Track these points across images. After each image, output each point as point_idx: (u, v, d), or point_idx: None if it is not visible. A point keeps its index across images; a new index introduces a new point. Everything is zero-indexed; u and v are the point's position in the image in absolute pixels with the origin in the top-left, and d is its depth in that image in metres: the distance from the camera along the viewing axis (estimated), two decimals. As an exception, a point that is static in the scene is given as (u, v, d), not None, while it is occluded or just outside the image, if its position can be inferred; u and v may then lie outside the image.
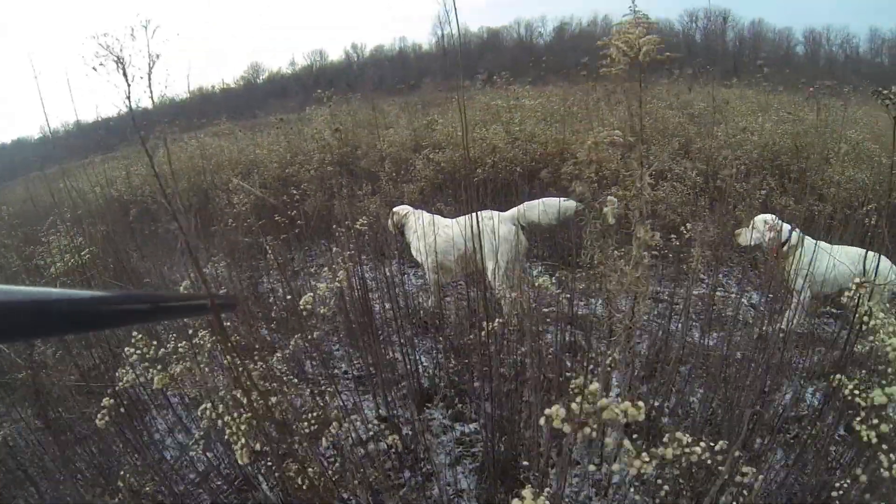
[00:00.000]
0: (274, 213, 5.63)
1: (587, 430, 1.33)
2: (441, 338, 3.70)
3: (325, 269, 3.20)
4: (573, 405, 1.18)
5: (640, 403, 1.25)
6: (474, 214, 3.67)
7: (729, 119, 7.93)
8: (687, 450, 1.47)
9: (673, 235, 3.24)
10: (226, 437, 1.82)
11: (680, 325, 3.39)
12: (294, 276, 5.79)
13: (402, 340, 3.43)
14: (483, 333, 2.48)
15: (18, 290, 0.43)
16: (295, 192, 6.35)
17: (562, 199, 4.14)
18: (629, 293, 2.19)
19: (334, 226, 3.86)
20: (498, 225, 4.13)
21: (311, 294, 2.57)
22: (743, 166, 5.85)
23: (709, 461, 1.49)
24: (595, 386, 1.27)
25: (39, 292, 0.46)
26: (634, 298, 2.24)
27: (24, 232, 7.12)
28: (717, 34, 61.45)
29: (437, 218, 4.53)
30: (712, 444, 1.52)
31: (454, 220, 4.54)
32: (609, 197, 1.98)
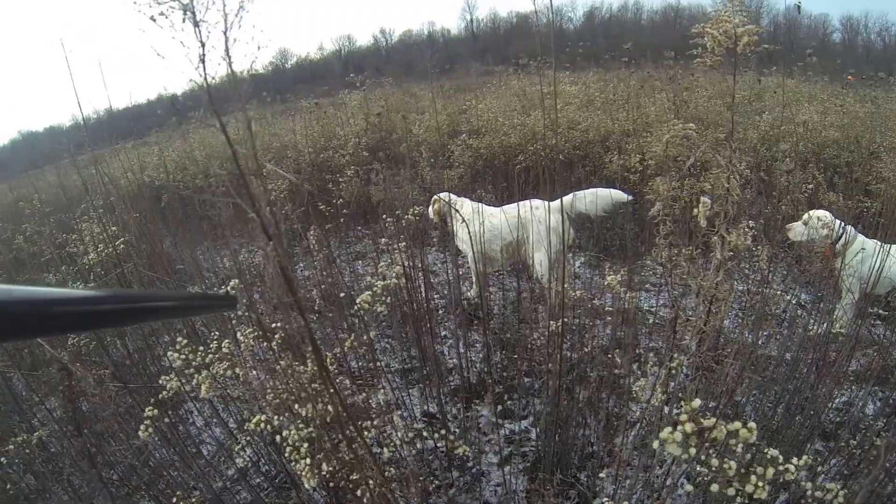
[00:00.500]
0: (310, 199, 5.50)
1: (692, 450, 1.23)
2: (487, 331, 3.52)
3: (376, 259, 3.06)
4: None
5: (752, 425, 1.21)
6: (521, 203, 3.50)
7: (770, 108, 7.67)
8: (781, 467, 1.30)
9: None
10: (285, 453, 1.67)
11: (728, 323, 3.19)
12: (330, 264, 5.65)
13: (448, 333, 3.28)
14: (539, 332, 2.29)
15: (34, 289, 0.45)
16: (329, 177, 6.21)
17: (612, 189, 4.02)
18: (707, 296, 2.00)
19: (383, 215, 3.74)
20: (546, 215, 3.96)
21: (369, 293, 2.39)
22: (788, 158, 5.56)
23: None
24: (696, 403, 1.21)
25: (51, 292, 0.47)
26: (710, 301, 2.04)
27: (56, 219, 7.11)
28: (752, 19, 60.55)
29: (483, 206, 4.34)
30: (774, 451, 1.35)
31: (500, 208, 4.38)
32: (703, 199, 1.78)
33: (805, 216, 4.04)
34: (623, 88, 8.12)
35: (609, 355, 2.79)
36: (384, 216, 3.74)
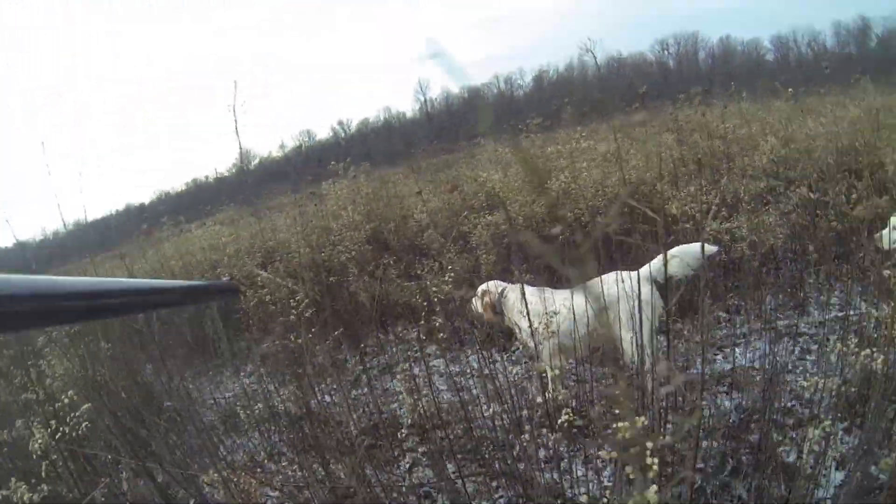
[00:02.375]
0: (315, 307, 4.70)
1: None
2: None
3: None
4: None
5: None
6: (604, 278, 3.06)
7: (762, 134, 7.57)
8: None
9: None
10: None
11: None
12: (354, 384, 4.82)
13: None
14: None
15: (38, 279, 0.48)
16: (334, 279, 5.41)
17: (696, 244, 3.65)
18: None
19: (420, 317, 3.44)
20: (636, 287, 3.27)
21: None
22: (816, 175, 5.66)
23: None
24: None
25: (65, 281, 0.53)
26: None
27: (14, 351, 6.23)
28: (690, 57, 62.80)
29: (547, 291, 3.80)
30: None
31: (571, 289, 3.78)
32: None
33: (892, 219, 3.74)
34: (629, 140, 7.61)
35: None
36: (421, 319, 3.52)
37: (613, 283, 3.46)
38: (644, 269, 3.52)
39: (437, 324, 3.61)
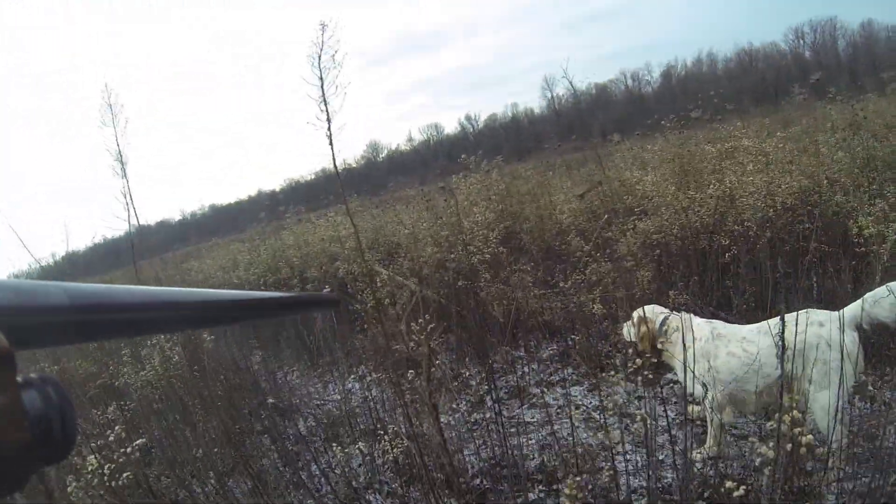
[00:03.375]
0: (442, 312, 4.10)
1: None
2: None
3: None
4: None
5: None
6: (790, 318, 2.54)
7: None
8: None
9: None
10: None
11: None
12: (476, 406, 4.17)
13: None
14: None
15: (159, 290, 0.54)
16: (462, 282, 4.77)
17: None
18: None
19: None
20: (837, 333, 2.77)
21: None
22: None
23: None
24: None
25: (176, 292, 0.56)
26: None
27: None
28: (829, 46, 56.57)
29: (719, 325, 3.16)
30: None
31: (752, 327, 3.09)
32: None
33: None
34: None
35: None
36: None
37: (805, 325, 2.76)
38: (848, 311, 2.84)
39: (577, 344, 3.38)
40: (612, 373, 4.22)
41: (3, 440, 0.34)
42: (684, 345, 2.86)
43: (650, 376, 4.08)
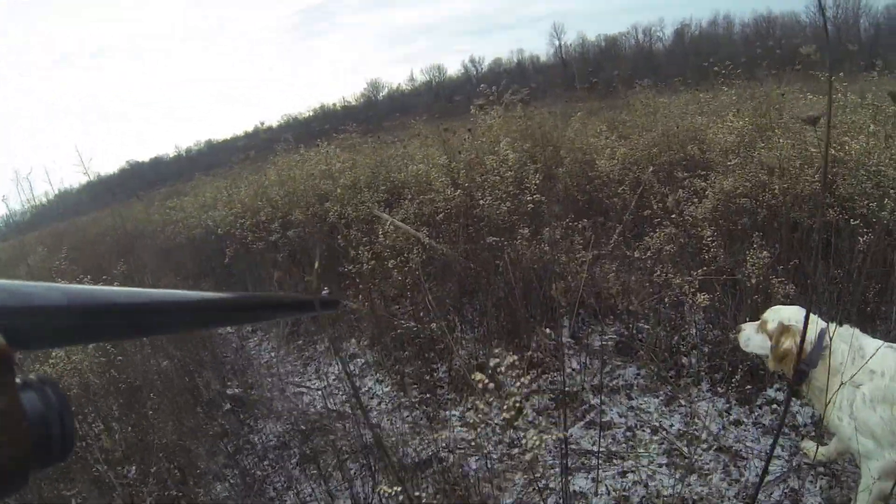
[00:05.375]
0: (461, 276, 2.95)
1: None
2: None
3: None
4: None
5: None
6: None
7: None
8: None
9: None
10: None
11: None
12: (508, 423, 3.01)
13: None
14: None
15: (133, 291, 0.51)
16: (494, 240, 3.56)
17: None
18: None
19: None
20: None
21: None
22: None
23: None
24: None
25: (147, 293, 0.53)
26: None
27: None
28: (850, 24, 54.84)
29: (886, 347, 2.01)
30: None
31: None
32: None
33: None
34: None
35: None
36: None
37: None
38: None
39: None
40: (692, 379, 3.12)
41: (2, 442, 0.33)
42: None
43: (745, 387, 2.96)
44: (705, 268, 2.87)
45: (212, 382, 3.77)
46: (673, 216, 3.57)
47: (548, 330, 3.39)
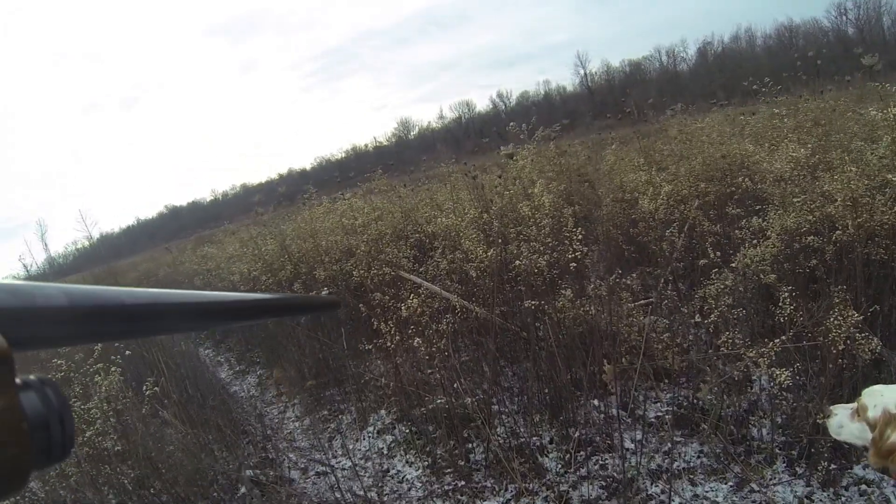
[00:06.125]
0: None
1: None
2: None
3: None
4: None
5: None
6: None
7: None
8: None
9: None
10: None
11: None
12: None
13: None
14: None
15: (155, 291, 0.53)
16: (531, 302, 3.20)
17: None
18: None
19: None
20: None
21: None
22: None
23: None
24: None
25: (175, 293, 0.55)
26: None
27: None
28: (872, 24, 53.25)
29: None
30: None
31: None
32: None
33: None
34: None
35: None
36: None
37: None
38: None
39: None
40: (764, 456, 2.70)
41: (1, 442, 0.33)
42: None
43: (829, 466, 2.54)
44: (782, 337, 2.45)
45: (228, 461, 3.46)
46: (732, 264, 3.17)
47: (595, 401, 3.01)
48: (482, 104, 76.22)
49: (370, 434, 3.57)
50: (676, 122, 7.43)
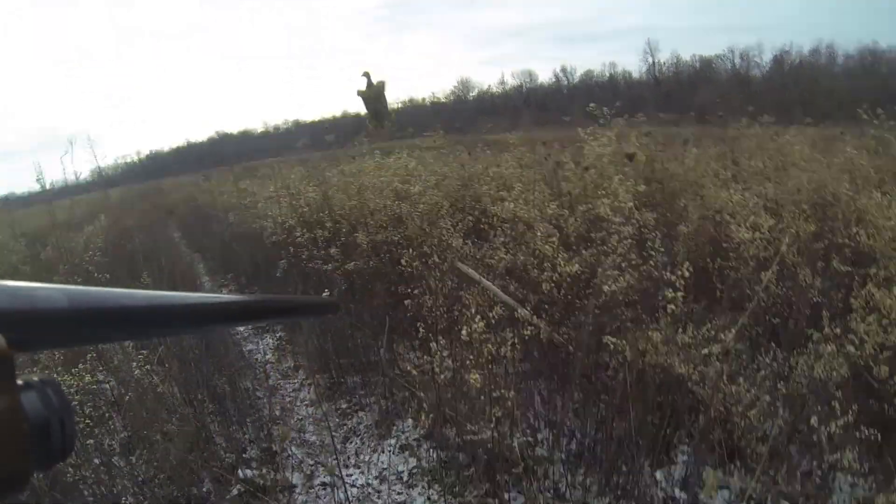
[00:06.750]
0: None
1: None
2: None
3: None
4: None
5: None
6: None
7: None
8: None
9: None
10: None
11: None
12: None
13: None
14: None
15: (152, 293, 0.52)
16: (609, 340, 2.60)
17: None
18: None
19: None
20: None
21: None
22: None
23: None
24: None
25: (173, 295, 0.54)
26: None
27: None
28: None
29: None
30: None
31: None
32: None
33: None
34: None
35: None
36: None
37: None
38: None
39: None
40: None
41: (2, 442, 0.32)
42: None
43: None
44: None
45: (226, 450, 3.01)
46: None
47: (657, 475, 2.44)
48: (545, 76, 74.16)
49: (391, 448, 3.07)
50: (760, 133, 6.69)
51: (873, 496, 2.08)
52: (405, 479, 2.85)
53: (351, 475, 2.95)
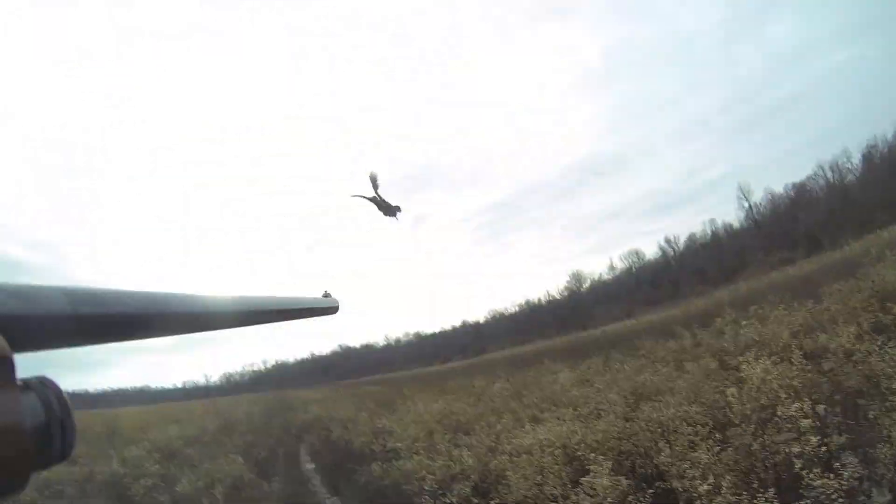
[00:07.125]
0: None
1: None
2: None
3: None
4: None
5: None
6: None
7: None
8: None
9: None
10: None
11: None
12: None
13: None
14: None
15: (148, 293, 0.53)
16: None
17: None
18: None
19: None
20: None
21: None
22: None
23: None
24: None
25: (174, 296, 0.56)
26: None
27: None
28: None
29: None
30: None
31: None
32: None
33: None
34: None
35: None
36: None
37: None
38: None
39: None
40: None
41: (2, 443, 0.33)
42: None
43: None
44: None
45: None
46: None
47: None
48: (650, 250, 74.36)
49: None
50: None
51: None
52: None
53: None
